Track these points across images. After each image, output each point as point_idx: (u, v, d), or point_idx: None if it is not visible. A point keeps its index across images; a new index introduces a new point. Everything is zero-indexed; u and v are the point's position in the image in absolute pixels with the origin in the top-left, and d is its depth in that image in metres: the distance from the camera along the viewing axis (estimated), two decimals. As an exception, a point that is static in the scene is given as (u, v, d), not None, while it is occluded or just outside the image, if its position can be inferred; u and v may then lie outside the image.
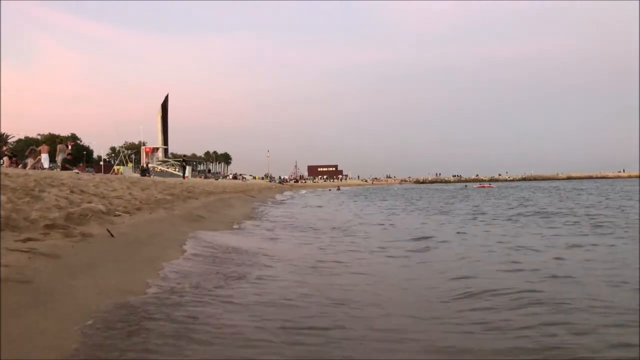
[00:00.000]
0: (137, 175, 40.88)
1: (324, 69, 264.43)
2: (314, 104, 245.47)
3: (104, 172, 39.35)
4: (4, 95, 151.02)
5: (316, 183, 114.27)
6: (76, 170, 19.77)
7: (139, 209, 9.15)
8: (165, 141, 73.38)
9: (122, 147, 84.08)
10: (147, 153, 65.98)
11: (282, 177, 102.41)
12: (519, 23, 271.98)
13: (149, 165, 57.71)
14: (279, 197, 36.48)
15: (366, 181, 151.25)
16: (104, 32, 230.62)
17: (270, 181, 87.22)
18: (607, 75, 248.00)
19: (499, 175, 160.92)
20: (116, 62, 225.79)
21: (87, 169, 33.42)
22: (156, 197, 12.25)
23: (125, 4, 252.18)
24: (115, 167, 51.03)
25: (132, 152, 61.37)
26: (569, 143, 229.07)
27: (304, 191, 51.90)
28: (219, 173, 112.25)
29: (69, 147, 69.76)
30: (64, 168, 22.02)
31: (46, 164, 26.43)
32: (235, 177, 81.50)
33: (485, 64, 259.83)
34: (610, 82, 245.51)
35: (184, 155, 40.55)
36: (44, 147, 27.43)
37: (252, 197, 27.91)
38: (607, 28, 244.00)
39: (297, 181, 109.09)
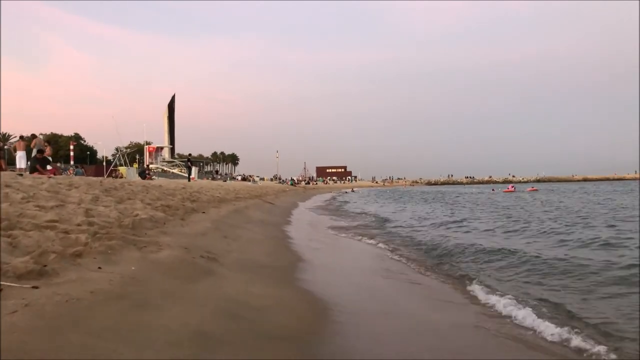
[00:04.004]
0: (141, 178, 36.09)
1: (330, 69, 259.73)
2: (320, 104, 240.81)
3: (106, 174, 34.54)
4: (10, 96, 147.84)
5: (328, 185, 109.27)
6: (19, 173, 14.90)
7: (78, 255, 4.16)
8: (172, 141, 69.00)
9: (126, 147, 79.68)
10: (150, 153, 61.15)
11: (294, 179, 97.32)
12: (528, 24, 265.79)
13: (151, 165, 52.86)
14: (310, 204, 31.36)
15: (377, 182, 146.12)
16: (113, 33, 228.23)
17: (280, 183, 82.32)
18: (622, 75, 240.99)
19: (513, 176, 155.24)
20: (124, 63, 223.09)
21: (76, 169, 28.61)
22: (136, 215, 7.28)
23: (133, 6, 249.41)
24: (120, 169, 46.16)
25: (131, 151, 56.51)
26: (579, 145, 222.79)
27: (327, 195, 46.55)
28: (228, 174, 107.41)
29: (71, 146, 65.02)
30: (33, 169, 17.17)
31: (22, 164, 21.66)
32: (244, 179, 76.60)
33: (494, 64, 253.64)
34: (627, 82, 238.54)
35: (189, 155, 35.79)
36: (20, 144, 22.64)
37: (271, 203, 22.92)
38: (625, 28, 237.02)
39: (308, 183, 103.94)
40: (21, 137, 23.60)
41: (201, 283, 4.41)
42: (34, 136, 20.92)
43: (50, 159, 19.58)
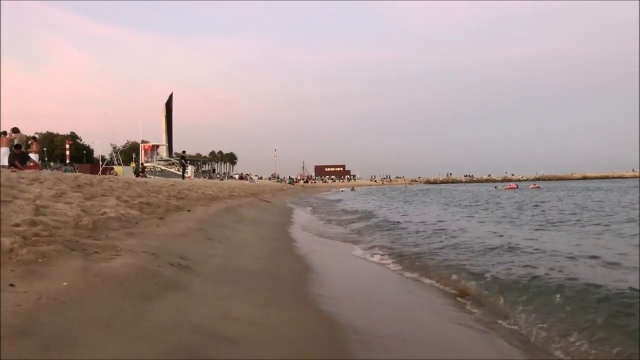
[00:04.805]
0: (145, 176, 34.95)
1: (330, 69, 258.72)
2: (319, 104, 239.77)
3: (100, 172, 33.38)
4: (10, 95, 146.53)
5: (326, 183, 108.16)
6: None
7: (-10, 267, 3.04)
8: (170, 140, 67.78)
9: (123, 146, 78.61)
10: (146, 151, 59.85)
11: (293, 178, 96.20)
12: (528, 24, 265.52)
13: (147, 164, 51.62)
14: (308, 203, 30.16)
15: (376, 181, 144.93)
16: (113, 33, 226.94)
17: (279, 181, 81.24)
18: (622, 75, 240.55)
19: (512, 175, 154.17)
20: (124, 63, 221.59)
21: (65, 167, 27.45)
22: (103, 213, 6.16)
23: (133, 6, 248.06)
24: (115, 168, 44.97)
25: (124, 149, 55.22)
26: (578, 144, 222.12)
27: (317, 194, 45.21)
28: (226, 173, 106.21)
29: (67, 145, 63.63)
30: (11, 165, 16.03)
31: (4, 160, 20.50)
32: (242, 178, 75.45)
33: (494, 64, 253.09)
34: (627, 82, 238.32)
35: (184, 152, 34.54)
36: (2, 140, 21.47)
37: (268, 202, 21.81)
38: (625, 28, 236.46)
39: (306, 181, 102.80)
40: (4, 133, 22.42)
41: (161, 303, 3.28)
42: (14, 130, 19.74)
43: (30, 155, 18.43)
